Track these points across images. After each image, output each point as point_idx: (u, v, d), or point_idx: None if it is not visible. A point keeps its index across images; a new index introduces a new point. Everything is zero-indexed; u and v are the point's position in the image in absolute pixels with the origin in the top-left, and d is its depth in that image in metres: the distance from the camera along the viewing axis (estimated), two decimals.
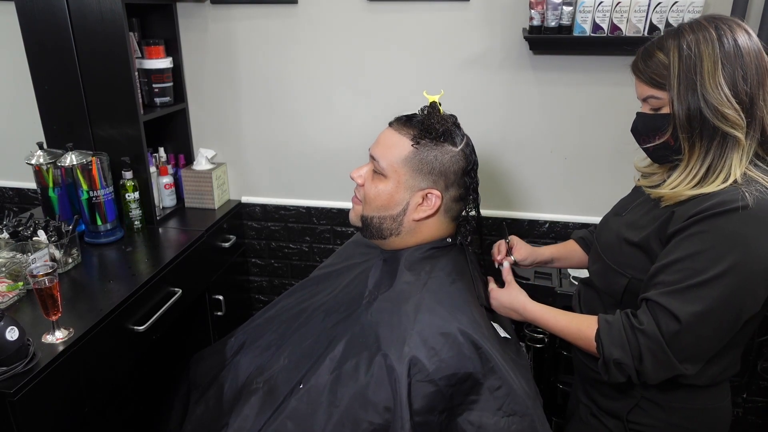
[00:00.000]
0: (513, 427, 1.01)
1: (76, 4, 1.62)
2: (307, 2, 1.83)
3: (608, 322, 1.03)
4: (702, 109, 0.94)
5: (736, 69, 0.93)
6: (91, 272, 1.56)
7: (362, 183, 1.19)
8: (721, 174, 0.95)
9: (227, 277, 2.07)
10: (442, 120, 1.13)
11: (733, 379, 1.90)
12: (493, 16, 1.74)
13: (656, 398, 1.10)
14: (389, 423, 0.98)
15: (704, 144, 0.96)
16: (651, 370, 0.99)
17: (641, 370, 1.00)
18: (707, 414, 1.11)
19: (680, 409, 1.09)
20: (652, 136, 1.03)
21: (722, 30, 0.94)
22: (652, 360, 0.98)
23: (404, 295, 1.11)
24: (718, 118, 0.93)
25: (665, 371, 0.99)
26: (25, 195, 2.25)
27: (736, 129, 0.93)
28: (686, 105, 0.95)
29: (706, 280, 0.93)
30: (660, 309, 0.97)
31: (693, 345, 0.97)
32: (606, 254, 1.14)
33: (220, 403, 1.22)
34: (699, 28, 0.95)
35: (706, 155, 0.96)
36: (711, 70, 0.93)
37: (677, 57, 0.96)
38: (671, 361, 0.97)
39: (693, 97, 0.94)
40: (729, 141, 0.94)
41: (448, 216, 1.19)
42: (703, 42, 0.94)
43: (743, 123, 0.93)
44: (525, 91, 1.81)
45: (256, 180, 2.12)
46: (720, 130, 0.94)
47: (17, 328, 1.10)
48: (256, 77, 1.96)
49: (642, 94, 1.03)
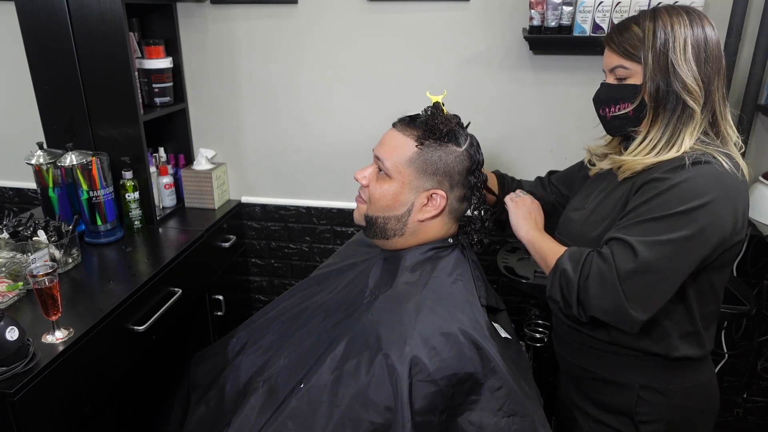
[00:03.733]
0: (513, 427, 1.01)
1: (76, 4, 1.62)
2: (307, 2, 1.83)
3: (579, 248, 1.07)
4: (671, 82, 1.02)
5: (701, 52, 1.01)
6: (91, 272, 1.56)
7: (367, 184, 1.20)
8: (675, 145, 1.03)
9: (227, 277, 2.07)
10: (446, 120, 1.13)
11: (733, 379, 1.92)
12: (493, 16, 1.74)
13: (654, 383, 1.12)
14: (390, 423, 0.98)
15: (666, 115, 1.04)
16: (593, 291, 1.00)
17: (582, 293, 1.01)
18: (703, 389, 1.15)
19: (677, 389, 1.12)
20: (614, 105, 1.10)
21: (693, 17, 1.03)
22: (599, 281, 1.00)
23: (405, 294, 1.11)
24: (683, 89, 1.01)
25: (608, 299, 0.99)
26: (25, 195, 2.25)
27: (696, 103, 1.02)
28: (657, 77, 1.02)
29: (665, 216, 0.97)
30: (618, 241, 1.01)
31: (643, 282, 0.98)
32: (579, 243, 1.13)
33: (221, 404, 1.22)
34: (673, 12, 1.04)
35: (666, 126, 1.04)
36: (682, 48, 1.01)
37: (652, 33, 1.03)
38: (616, 288, 0.98)
39: (663, 69, 1.02)
40: (686, 113, 1.03)
41: (452, 216, 1.19)
42: (677, 23, 1.02)
43: (701, 98, 1.02)
44: (525, 91, 1.81)
45: (256, 180, 2.12)
46: (682, 102, 1.02)
47: (17, 328, 1.10)
48: (256, 77, 1.96)
49: (610, 64, 1.09)
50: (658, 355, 1.10)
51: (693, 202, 0.96)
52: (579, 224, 1.17)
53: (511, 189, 1.42)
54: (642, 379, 1.13)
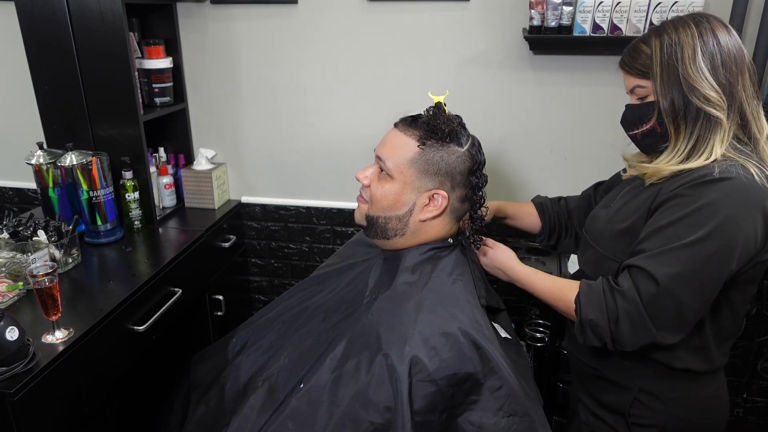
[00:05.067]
0: (513, 427, 1.01)
1: (76, 4, 1.62)
2: (307, 2, 1.83)
3: (589, 285, 1.07)
4: (685, 93, 0.99)
5: (715, 55, 0.99)
6: (91, 272, 1.56)
7: (368, 184, 1.20)
8: (704, 153, 1.00)
9: (227, 277, 2.07)
10: (447, 120, 1.13)
11: (733, 379, 1.92)
12: (493, 16, 1.74)
13: (654, 389, 1.12)
14: (390, 423, 0.98)
15: (689, 125, 1.01)
16: (627, 334, 1.01)
17: (616, 334, 1.02)
18: (705, 402, 1.13)
19: (678, 398, 1.11)
20: (639, 123, 1.08)
21: (702, 24, 1.01)
22: (628, 323, 1.00)
23: (405, 294, 1.11)
24: (700, 99, 0.99)
25: (641, 337, 1.01)
26: (25, 195, 2.25)
27: (718, 110, 0.99)
28: (669, 90, 1.01)
29: (686, 245, 0.96)
30: (639, 272, 1.00)
31: (668, 308, 0.99)
32: (598, 243, 1.16)
33: (221, 404, 1.22)
34: (680, 23, 1.02)
35: (691, 136, 1.01)
36: (691, 56, 0.99)
37: (659, 47, 1.02)
38: (647, 326, 0.99)
39: (675, 82, 1.00)
40: (712, 122, 1.00)
41: (453, 216, 1.19)
42: (683, 33, 1.00)
43: (725, 104, 0.99)
44: (525, 91, 1.81)
45: (256, 180, 2.12)
46: (703, 112, 0.99)
47: (17, 328, 1.10)
48: (256, 77, 1.96)
49: (629, 86, 1.09)
50: (660, 362, 1.09)
51: (714, 223, 0.94)
52: (603, 221, 1.17)
53: (556, 209, 1.44)
54: (642, 384, 1.12)
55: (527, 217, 1.46)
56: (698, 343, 1.08)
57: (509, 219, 1.48)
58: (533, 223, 1.45)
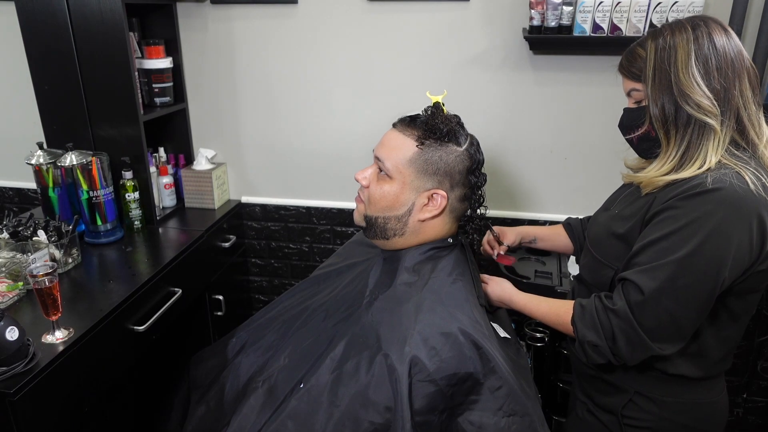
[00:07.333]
0: (513, 427, 1.01)
1: (76, 5, 1.62)
2: (307, 2, 1.84)
3: (582, 306, 1.08)
4: (676, 98, 0.98)
5: (710, 60, 0.97)
6: (91, 272, 1.56)
7: (367, 185, 1.19)
8: (696, 161, 0.99)
9: (227, 277, 2.07)
10: (446, 120, 1.13)
11: (733, 379, 1.92)
12: (493, 16, 1.74)
13: (649, 393, 1.11)
14: (390, 423, 0.98)
15: (680, 132, 1.00)
16: (625, 350, 1.02)
17: (616, 351, 1.03)
18: (700, 409, 1.12)
19: (673, 403, 1.11)
20: (634, 127, 1.07)
21: (699, 27, 0.99)
22: (624, 340, 1.01)
23: (405, 294, 1.11)
24: (692, 106, 0.97)
25: (640, 351, 1.02)
26: (25, 195, 2.25)
27: (711, 117, 0.97)
28: (660, 95, 1.00)
29: (677, 259, 0.96)
30: (632, 286, 1.00)
31: (661, 320, 0.99)
32: (594, 248, 1.16)
33: (221, 404, 1.22)
34: (677, 26, 1.00)
35: (681, 142, 1.00)
36: (684, 61, 0.97)
37: (653, 50, 1.01)
38: (642, 339, 1.00)
39: (666, 87, 0.99)
40: (705, 129, 0.98)
41: (452, 216, 1.19)
42: (678, 36, 0.99)
43: (717, 111, 0.97)
44: (525, 91, 1.81)
45: (256, 180, 2.12)
46: (694, 118, 0.98)
47: (17, 328, 1.10)
48: (256, 77, 1.96)
49: (626, 89, 1.08)
50: (655, 367, 1.09)
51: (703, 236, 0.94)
52: (602, 226, 1.17)
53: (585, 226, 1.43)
54: (638, 386, 1.12)
55: (557, 237, 1.47)
56: (695, 350, 1.07)
57: (540, 241, 1.50)
58: (565, 243, 1.46)
